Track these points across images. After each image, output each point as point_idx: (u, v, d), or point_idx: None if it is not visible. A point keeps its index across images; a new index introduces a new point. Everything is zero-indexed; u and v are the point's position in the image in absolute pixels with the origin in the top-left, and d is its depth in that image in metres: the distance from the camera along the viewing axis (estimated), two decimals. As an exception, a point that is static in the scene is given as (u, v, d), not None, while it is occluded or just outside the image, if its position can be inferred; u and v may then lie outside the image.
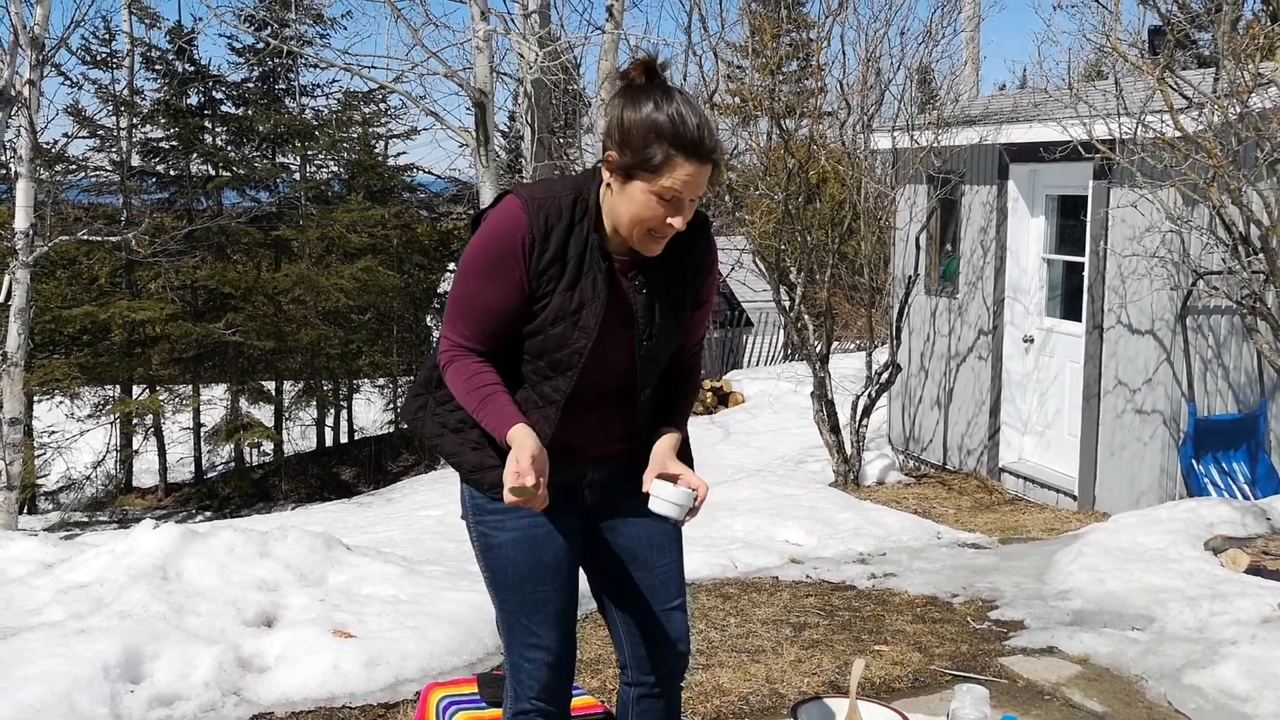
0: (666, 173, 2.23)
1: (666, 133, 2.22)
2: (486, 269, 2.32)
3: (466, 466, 2.47)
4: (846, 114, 9.92)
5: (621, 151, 2.25)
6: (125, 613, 4.10)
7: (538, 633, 2.48)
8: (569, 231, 2.33)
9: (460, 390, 2.36)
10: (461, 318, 2.36)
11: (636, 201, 2.27)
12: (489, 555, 2.51)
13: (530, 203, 2.31)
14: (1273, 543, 5.41)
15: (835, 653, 4.46)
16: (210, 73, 19.30)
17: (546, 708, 2.54)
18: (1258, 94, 5.99)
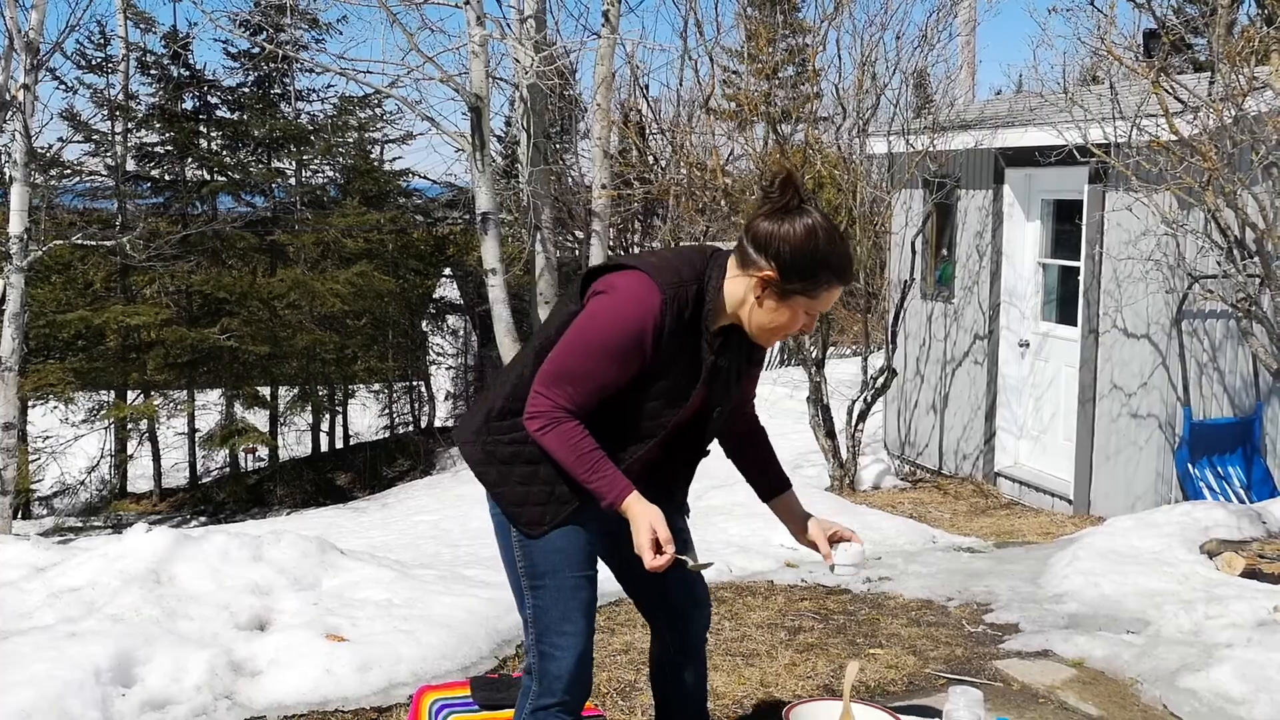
0: (823, 296, 2.48)
1: (834, 268, 2.45)
2: (615, 354, 2.44)
3: (506, 500, 2.59)
4: (842, 118, 9.93)
5: (786, 278, 2.44)
6: (117, 616, 4.09)
7: (571, 619, 2.59)
8: (691, 322, 2.50)
9: (563, 453, 2.46)
10: (573, 386, 2.45)
11: (785, 316, 2.49)
12: (527, 545, 2.60)
13: (667, 292, 2.44)
14: (1268, 546, 5.41)
15: (830, 656, 4.45)
16: (205, 77, 19.29)
17: (570, 701, 2.63)
18: (1253, 97, 6.00)
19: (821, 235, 2.43)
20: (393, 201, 20.70)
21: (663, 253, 2.58)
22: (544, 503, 2.55)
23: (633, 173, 14.61)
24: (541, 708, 2.62)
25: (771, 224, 2.43)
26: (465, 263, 21.12)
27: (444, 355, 23.31)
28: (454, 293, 22.49)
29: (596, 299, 2.47)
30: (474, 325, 21.96)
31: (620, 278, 2.47)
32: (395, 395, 22.21)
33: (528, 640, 2.66)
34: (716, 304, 2.51)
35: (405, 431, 21.74)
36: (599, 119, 12.17)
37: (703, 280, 2.50)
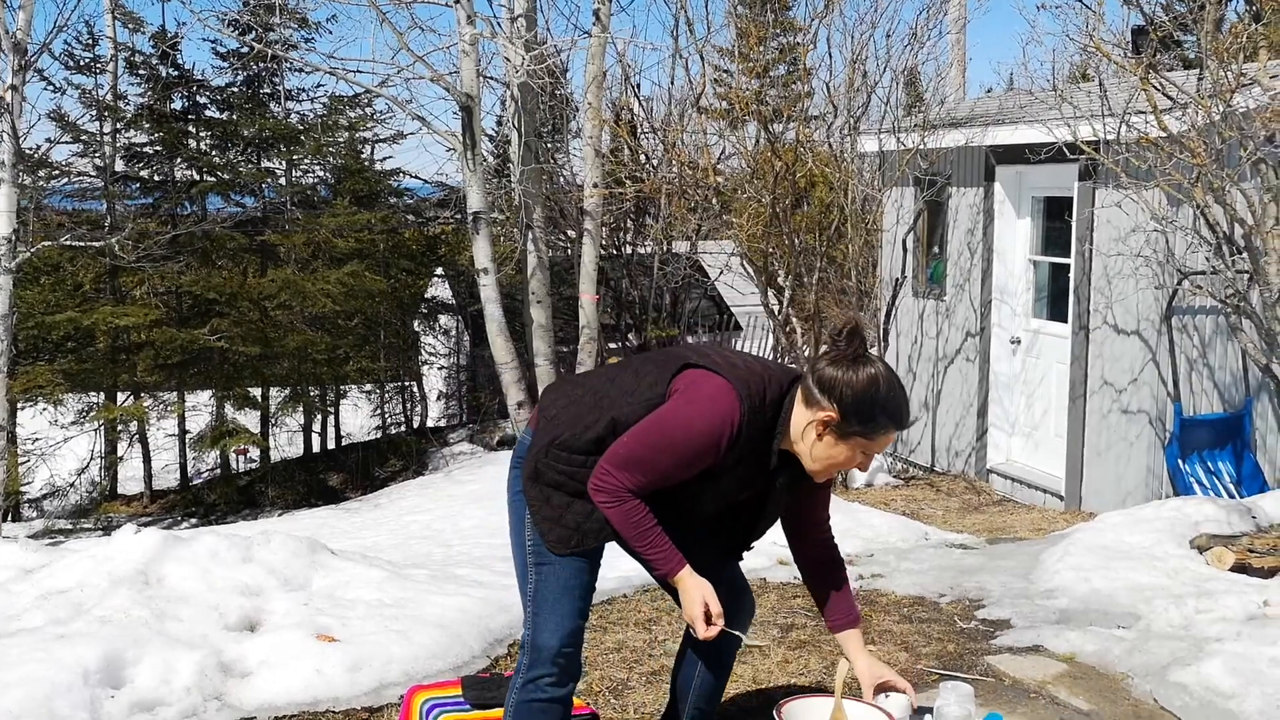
0: (880, 439, 2.69)
1: (892, 415, 2.67)
2: (688, 457, 2.63)
3: (540, 516, 2.77)
4: (834, 116, 9.93)
5: (846, 420, 2.63)
6: (106, 618, 4.07)
7: (569, 598, 2.77)
8: (760, 433, 2.69)
9: (622, 526, 2.66)
10: (641, 474, 2.62)
11: (842, 453, 2.68)
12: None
13: (748, 410, 2.64)
14: (1258, 540, 5.42)
15: (822, 653, 4.45)
16: (194, 77, 19.19)
17: (559, 675, 2.77)
18: (1241, 94, 6.01)
19: (882, 384, 2.64)
20: (384, 201, 20.62)
21: (753, 364, 2.74)
22: (573, 529, 2.75)
23: (624, 171, 14.61)
24: (531, 680, 2.79)
25: (836, 370, 2.64)
26: (457, 262, 21.07)
27: (436, 355, 23.27)
28: (446, 292, 22.45)
29: (684, 395, 2.66)
30: (466, 325, 21.91)
31: (709, 383, 2.65)
32: (387, 395, 22.15)
33: (525, 615, 2.83)
34: (784, 430, 2.71)
35: (397, 432, 21.69)
36: (590, 118, 12.16)
37: (781, 407, 2.70)
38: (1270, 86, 5.89)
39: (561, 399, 2.84)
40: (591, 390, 2.81)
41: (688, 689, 3.11)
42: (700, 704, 3.11)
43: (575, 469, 2.72)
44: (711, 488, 2.74)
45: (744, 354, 2.81)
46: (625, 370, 2.82)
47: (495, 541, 7.90)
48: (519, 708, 2.81)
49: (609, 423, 2.71)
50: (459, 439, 20.01)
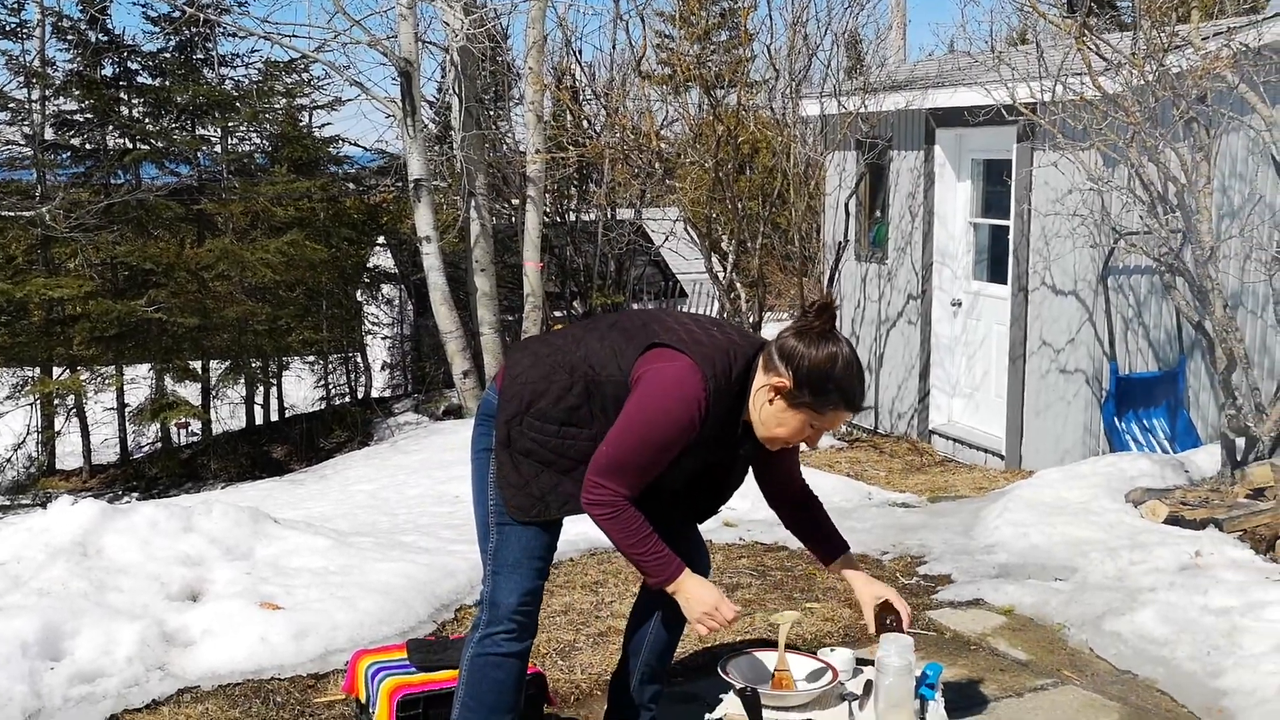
0: (829, 415, 2.69)
1: (845, 391, 2.67)
2: (665, 447, 2.64)
3: (506, 482, 2.78)
4: (775, 80, 9.94)
5: (799, 388, 2.65)
6: (44, 590, 4.01)
7: (530, 556, 2.80)
8: (729, 406, 2.71)
9: (620, 537, 2.68)
10: (629, 476, 2.65)
11: (791, 426, 2.70)
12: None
13: (712, 389, 2.65)
14: (1191, 494, 5.54)
15: (768, 611, 4.49)
16: (125, 43, 18.76)
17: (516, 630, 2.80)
18: (1174, 54, 6.08)
19: (840, 362, 2.66)
20: (323, 169, 20.33)
21: (718, 337, 2.73)
22: (537, 499, 2.77)
23: (567, 137, 14.53)
24: (488, 635, 2.82)
25: (799, 341, 2.66)
26: (399, 231, 20.87)
27: (379, 325, 23.07)
28: (388, 261, 22.24)
29: (651, 383, 2.65)
30: (409, 294, 21.74)
31: (675, 365, 2.65)
32: (331, 366, 21.93)
33: (485, 572, 2.86)
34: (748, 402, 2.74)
35: (342, 403, 21.50)
36: (531, 83, 12.07)
37: (746, 379, 2.73)
38: (1202, 47, 5.97)
39: (528, 358, 2.83)
40: (559, 351, 2.80)
41: (641, 645, 3.13)
42: (652, 660, 3.14)
43: (548, 438, 2.74)
44: (682, 462, 2.74)
45: (710, 323, 2.80)
46: (591, 335, 2.80)
47: (441, 509, 7.88)
48: (474, 661, 2.84)
49: (582, 392, 2.72)
50: (404, 409, 19.89)
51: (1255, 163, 7.15)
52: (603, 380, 2.71)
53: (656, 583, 2.73)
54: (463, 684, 2.86)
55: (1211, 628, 3.89)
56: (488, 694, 2.83)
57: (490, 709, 2.84)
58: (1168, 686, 3.68)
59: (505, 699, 2.84)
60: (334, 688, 3.78)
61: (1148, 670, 3.80)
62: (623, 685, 3.17)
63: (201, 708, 3.60)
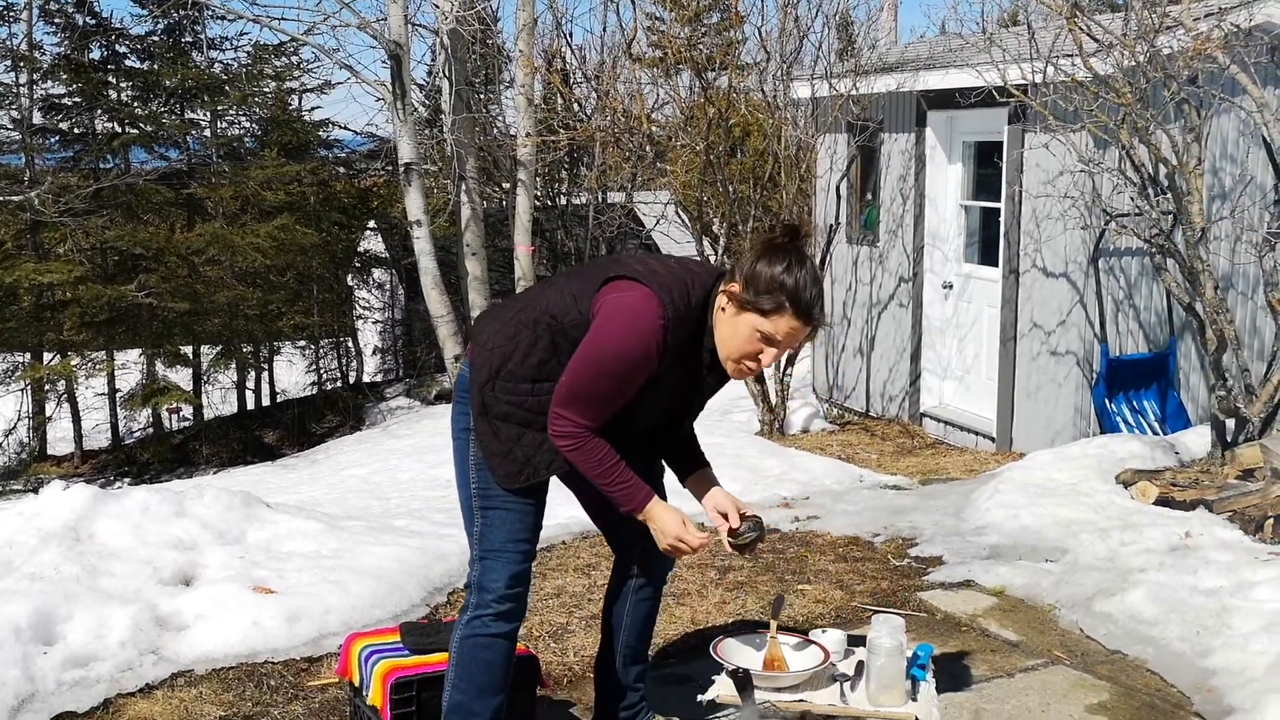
0: (774, 318, 2.59)
1: (789, 290, 2.58)
2: (624, 378, 2.62)
3: (490, 450, 2.77)
4: (766, 62, 9.91)
5: (745, 288, 2.60)
6: (36, 575, 4.01)
7: (516, 539, 2.79)
8: (690, 335, 2.67)
9: (588, 467, 2.67)
10: (590, 407, 2.63)
11: (740, 333, 2.62)
12: (484, 470, 2.80)
13: (670, 316, 2.60)
14: (1181, 475, 5.57)
15: (759, 594, 4.51)
16: (113, 26, 18.67)
17: (505, 612, 2.81)
18: (1165, 35, 6.08)
19: (794, 267, 2.59)
20: (313, 153, 20.29)
21: (675, 268, 2.70)
22: (524, 462, 2.75)
23: (558, 120, 14.50)
24: (477, 617, 2.83)
25: (757, 251, 2.64)
26: (390, 215, 20.83)
27: (370, 309, 23.05)
28: (379, 245, 22.20)
29: (609, 313, 2.62)
30: (400, 278, 21.71)
31: (631, 294, 2.62)
32: (322, 351, 21.92)
33: (472, 555, 2.85)
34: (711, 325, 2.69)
35: (333, 387, 21.50)
36: (522, 66, 12.03)
37: (706, 307, 2.68)
38: (1193, 28, 5.96)
39: (493, 324, 2.82)
40: (521, 311, 2.78)
41: (619, 628, 3.13)
42: (632, 641, 3.13)
43: (523, 398, 2.72)
44: (651, 397, 2.72)
45: (669, 258, 2.79)
46: (551, 287, 2.79)
47: (433, 494, 7.89)
48: (463, 643, 2.84)
49: (548, 345, 2.70)
50: (396, 394, 19.89)
51: (1246, 144, 7.16)
52: (566, 326, 2.68)
53: (627, 510, 2.73)
54: (452, 665, 2.87)
55: (1201, 608, 3.92)
56: (477, 674, 2.84)
57: (480, 689, 2.85)
58: (1157, 666, 3.71)
59: (495, 679, 2.85)
60: (327, 671, 3.78)
61: (1138, 650, 3.82)
62: (607, 668, 3.18)
63: (195, 691, 3.60)
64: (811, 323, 2.62)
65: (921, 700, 2.86)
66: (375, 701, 3.10)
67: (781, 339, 2.62)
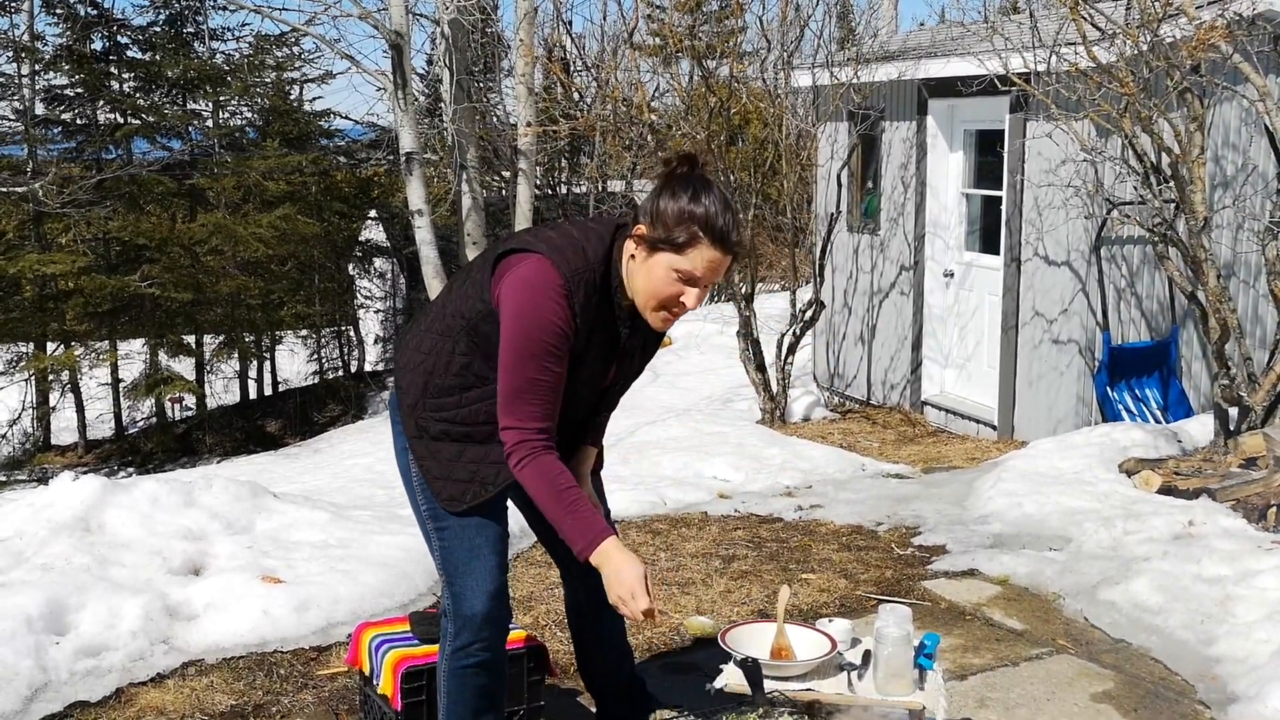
0: (690, 252, 2.38)
1: (699, 218, 2.37)
2: (546, 351, 2.40)
3: (431, 474, 2.61)
4: (767, 51, 9.91)
5: (653, 227, 2.40)
6: (47, 565, 4.04)
7: (479, 556, 2.60)
8: (598, 304, 2.47)
9: (539, 489, 2.42)
10: (531, 402, 2.41)
11: (656, 277, 2.41)
12: (429, 489, 2.63)
13: (569, 278, 2.41)
14: (1184, 463, 5.59)
15: (764, 582, 4.53)
16: (115, 16, 18.67)
17: (488, 638, 2.64)
18: (1168, 24, 6.08)
19: (698, 190, 2.38)
20: (314, 143, 20.29)
21: (568, 230, 2.51)
22: (467, 481, 2.57)
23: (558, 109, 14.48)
24: (459, 648, 2.65)
25: (659, 187, 2.43)
26: (391, 204, 20.84)
27: (372, 299, 23.07)
28: (380, 235, 22.21)
29: (509, 293, 2.43)
30: (401, 268, 21.72)
31: (524, 265, 2.43)
32: (323, 340, 21.95)
33: (441, 583, 2.68)
34: (621, 282, 2.49)
35: (335, 376, 21.54)
36: (523, 55, 12.02)
37: (609, 260, 2.48)
38: (1195, 16, 5.96)
39: (409, 342, 2.67)
40: (432, 322, 2.62)
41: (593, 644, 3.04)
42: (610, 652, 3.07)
43: (452, 411, 2.56)
44: (582, 374, 2.52)
45: (562, 223, 2.59)
46: (454, 289, 2.64)
47: (438, 482, 7.91)
48: (451, 676, 2.68)
49: (466, 346, 2.54)
50: (398, 383, 19.87)
51: (1248, 133, 7.16)
52: (476, 321, 2.51)
53: (580, 550, 2.41)
54: (443, 696, 2.72)
55: (1204, 596, 3.94)
56: (472, 701, 2.71)
57: (476, 713, 2.72)
58: (1161, 655, 3.74)
59: (491, 701, 2.74)
60: (336, 660, 3.81)
61: (1142, 639, 3.85)
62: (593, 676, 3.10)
63: (206, 680, 3.63)
64: (730, 250, 2.40)
65: (929, 690, 2.88)
66: (386, 690, 3.13)
67: (702, 274, 2.40)
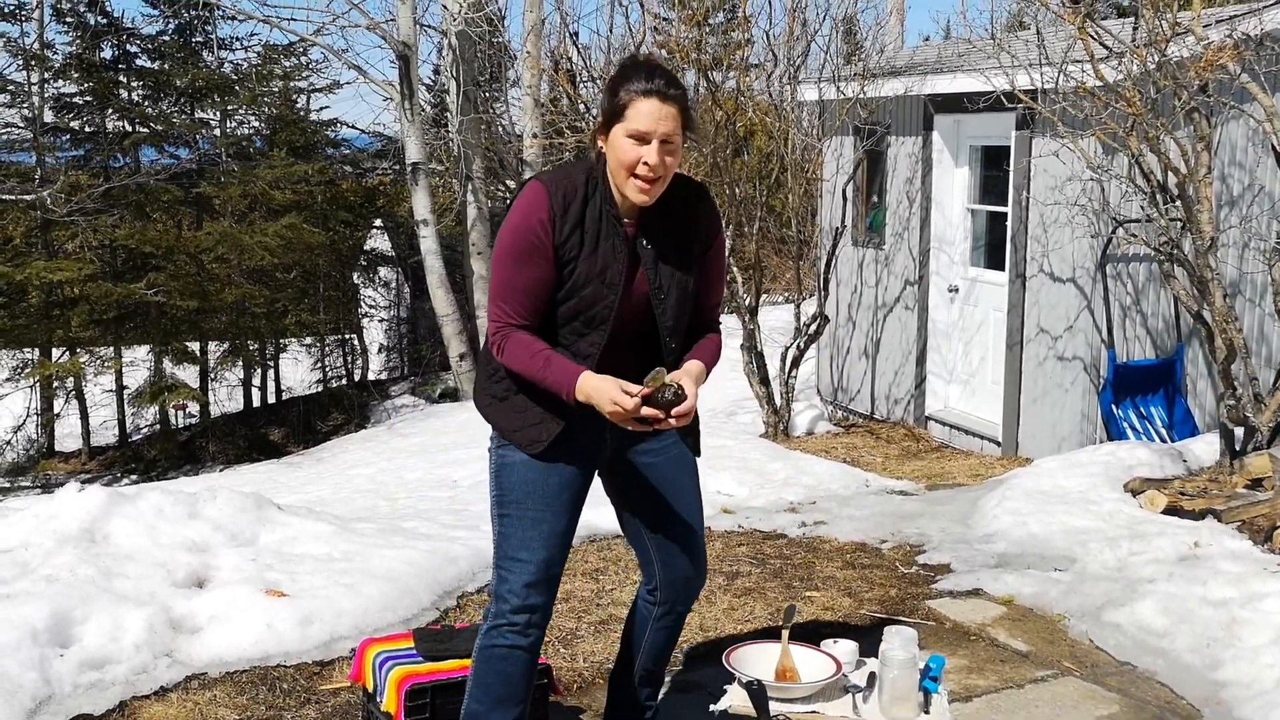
0: (629, 112, 2.59)
1: (622, 78, 2.61)
2: (519, 253, 2.64)
3: (509, 427, 2.79)
4: (773, 65, 9.92)
5: (602, 114, 2.65)
6: (52, 577, 4.04)
7: (528, 546, 2.78)
8: (585, 204, 2.67)
9: (518, 360, 2.66)
10: (505, 300, 2.66)
11: (616, 148, 2.62)
12: (501, 474, 2.82)
13: (549, 184, 2.66)
14: (1189, 484, 5.58)
15: (767, 600, 4.53)
16: (124, 25, 18.75)
17: (519, 623, 2.79)
18: (1175, 43, 6.09)
19: (624, 66, 2.66)
20: (321, 152, 20.35)
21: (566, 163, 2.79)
22: (538, 423, 2.75)
23: (564, 121, 14.49)
24: (495, 627, 2.83)
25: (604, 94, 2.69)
26: (396, 214, 20.90)
27: (376, 308, 23.10)
28: (385, 244, 22.25)
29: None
30: (406, 277, 21.76)
31: (521, 191, 2.71)
32: (328, 349, 21.99)
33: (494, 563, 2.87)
34: (607, 185, 2.69)
35: (339, 385, 21.56)
36: (529, 67, 12.05)
37: (592, 169, 2.70)
38: (1203, 36, 5.97)
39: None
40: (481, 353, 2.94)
41: (638, 649, 3.12)
42: (649, 664, 3.14)
43: (492, 359, 2.78)
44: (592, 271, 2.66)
45: None
46: None
47: (440, 494, 7.91)
48: (481, 652, 2.85)
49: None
50: (401, 392, 19.92)
51: (1256, 153, 7.17)
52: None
53: (567, 396, 2.61)
54: (472, 673, 2.88)
55: (1210, 619, 3.93)
56: (494, 685, 2.84)
57: (496, 700, 2.85)
58: (1167, 678, 3.72)
59: (513, 691, 2.85)
60: (340, 675, 3.81)
61: (1147, 662, 3.84)
62: (620, 683, 3.19)
63: (209, 695, 3.63)
64: (664, 96, 2.58)
65: (934, 713, 2.88)
66: (390, 708, 3.13)
67: (649, 127, 2.58)
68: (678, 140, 2.62)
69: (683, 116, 2.61)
